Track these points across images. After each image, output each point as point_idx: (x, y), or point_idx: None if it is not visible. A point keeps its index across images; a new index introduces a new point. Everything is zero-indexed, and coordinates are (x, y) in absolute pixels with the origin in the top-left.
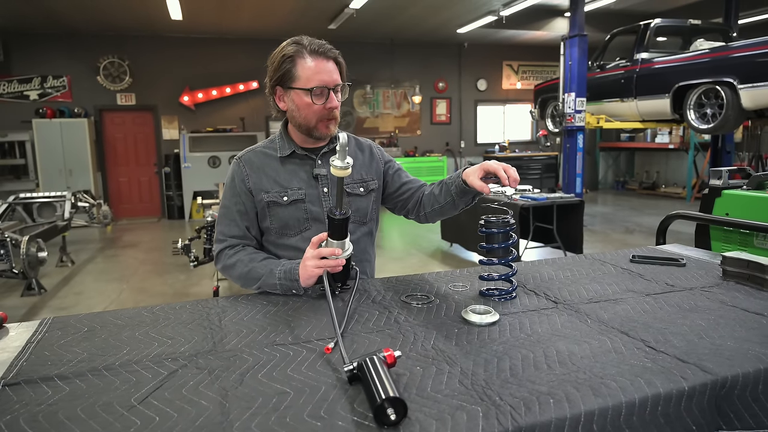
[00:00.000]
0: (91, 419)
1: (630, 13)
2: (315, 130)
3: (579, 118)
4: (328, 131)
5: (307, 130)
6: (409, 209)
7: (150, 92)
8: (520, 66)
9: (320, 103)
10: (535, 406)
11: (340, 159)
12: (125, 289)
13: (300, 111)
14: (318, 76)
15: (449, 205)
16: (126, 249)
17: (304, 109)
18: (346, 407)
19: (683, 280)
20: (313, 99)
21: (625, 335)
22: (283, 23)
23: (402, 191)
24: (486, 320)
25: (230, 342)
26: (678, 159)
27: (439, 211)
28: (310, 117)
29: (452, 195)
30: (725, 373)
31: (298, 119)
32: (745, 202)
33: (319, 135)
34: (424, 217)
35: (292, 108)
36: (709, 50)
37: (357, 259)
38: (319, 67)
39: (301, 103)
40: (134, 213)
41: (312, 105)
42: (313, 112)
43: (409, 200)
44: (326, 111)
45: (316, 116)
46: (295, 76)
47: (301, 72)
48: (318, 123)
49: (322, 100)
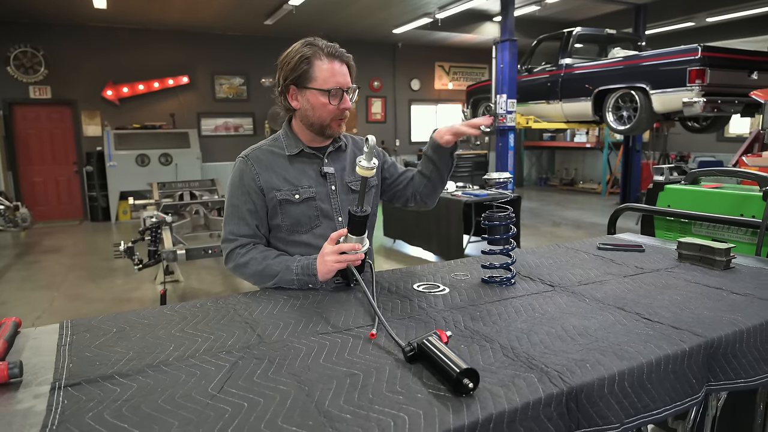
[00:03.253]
0: (180, 410)
1: (553, 21)
2: (328, 129)
3: (510, 119)
4: (340, 129)
5: (320, 129)
6: (408, 197)
7: (68, 85)
8: (452, 67)
9: (335, 104)
10: (578, 371)
11: (367, 160)
12: (57, 297)
13: (315, 110)
14: (334, 78)
15: (435, 175)
16: (48, 254)
17: (320, 108)
18: (417, 382)
19: (648, 263)
20: (330, 100)
21: (621, 310)
22: (217, 16)
23: (399, 182)
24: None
25: (274, 334)
26: (594, 157)
27: (431, 187)
28: (324, 116)
29: (432, 160)
30: (711, 336)
31: (312, 118)
32: (684, 195)
33: (331, 133)
34: (420, 199)
35: (307, 107)
36: (623, 58)
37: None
38: (335, 69)
39: (317, 103)
40: (52, 215)
41: (327, 105)
42: (328, 111)
43: (406, 189)
44: (339, 111)
45: (331, 116)
46: (312, 77)
47: (318, 73)
48: (332, 122)
49: (337, 101)
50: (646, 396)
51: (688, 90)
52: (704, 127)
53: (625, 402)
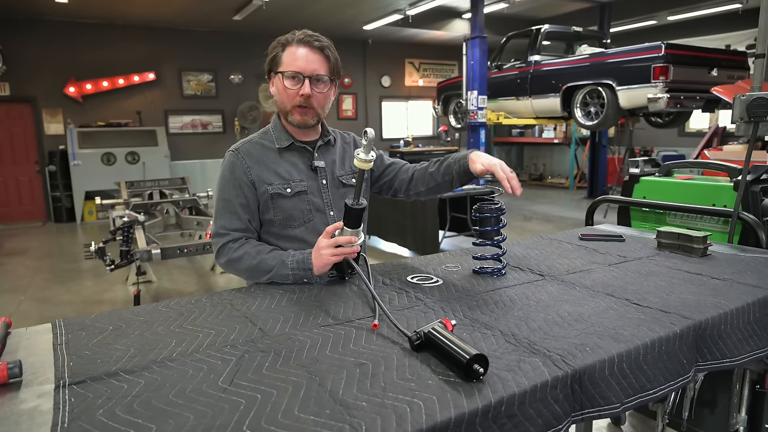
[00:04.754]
0: (193, 403)
1: (521, 18)
2: (290, 115)
3: (481, 115)
4: (302, 119)
5: (285, 116)
6: (396, 188)
7: (28, 82)
8: (422, 64)
9: (294, 88)
10: (578, 354)
11: (365, 152)
12: (24, 301)
13: (279, 95)
14: (296, 62)
15: (446, 185)
16: (12, 257)
17: (282, 92)
18: (426, 369)
19: (629, 252)
20: (285, 82)
21: (611, 297)
22: (183, 11)
23: (387, 174)
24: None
25: (276, 327)
26: (561, 152)
27: (435, 190)
28: (286, 102)
29: (453, 175)
30: (699, 318)
31: (279, 103)
32: (658, 187)
33: (292, 120)
34: (415, 195)
35: (275, 93)
36: (590, 55)
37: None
38: (300, 54)
39: (280, 87)
40: (12, 217)
41: (287, 89)
42: (288, 96)
43: (394, 180)
44: (299, 98)
45: (291, 102)
46: (280, 62)
47: (285, 57)
48: (292, 108)
49: (296, 86)
50: (643, 377)
51: (652, 86)
52: (667, 122)
53: (624, 383)
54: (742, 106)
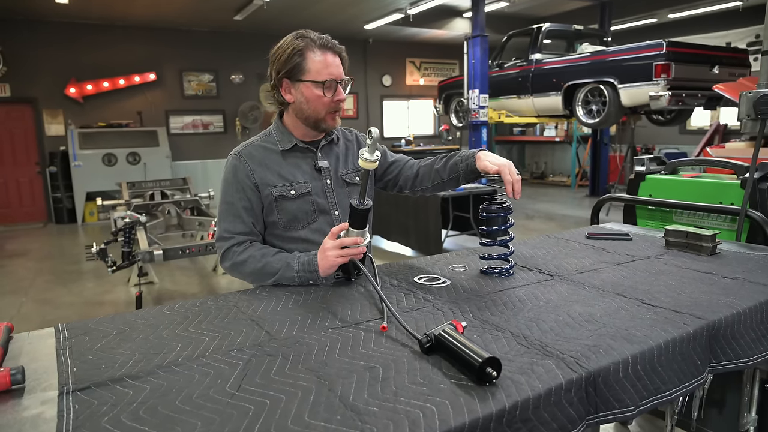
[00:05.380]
0: (200, 410)
1: (522, 17)
2: (323, 122)
3: (483, 113)
4: (335, 123)
5: (315, 122)
6: (401, 185)
7: (29, 83)
8: (422, 63)
9: (330, 96)
10: (592, 356)
11: (370, 152)
12: (25, 302)
13: (309, 103)
14: (327, 69)
15: (452, 182)
16: (13, 259)
17: (314, 101)
18: (437, 373)
19: (637, 250)
20: (324, 92)
21: (621, 296)
22: (184, 11)
23: (391, 170)
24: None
25: (282, 330)
26: (563, 151)
27: (441, 187)
28: (319, 109)
29: (460, 172)
30: (712, 318)
31: (307, 111)
32: (664, 185)
33: (326, 126)
34: (420, 191)
35: (301, 100)
36: (591, 53)
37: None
38: (329, 61)
39: (311, 96)
40: (13, 219)
41: (322, 97)
42: (322, 104)
43: (399, 177)
44: (334, 104)
45: (325, 108)
46: (305, 69)
47: (311, 65)
48: (326, 115)
49: (331, 93)
50: (657, 378)
51: (654, 84)
52: (669, 120)
53: (639, 385)
54: (748, 104)
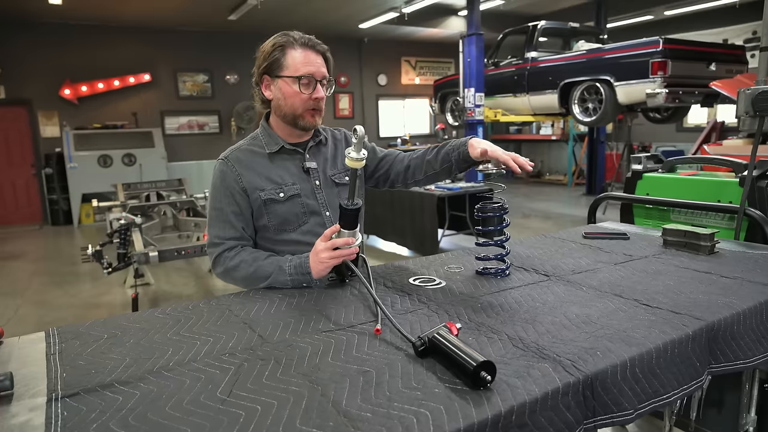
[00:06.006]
0: (190, 416)
1: (517, 15)
2: (301, 119)
3: (479, 112)
4: (314, 121)
5: (293, 120)
6: (393, 179)
7: (23, 84)
8: (418, 62)
9: (307, 93)
10: (589, 358)
11: (356, 150)
12: (22, 305)
13: (287, 99)
14: (306, 66)
15: (445, 172)
16: (9, 261)
17: (291, 97)
18: (432, 377)
19: (635, 250)
20: (300, 88)
21: (619, 297)
22: (178, 11)
23: (381, 166)
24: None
25: (275, 333)
26: (559, 149)
27: (434, 177)
28: (297, 106)
29: (452, 161)
30: (711, 319)
31: (285, 108)
32: (662, 183)
33: (304, 125)
34: (413, 183)
35: (279, 97)
36: (587, 51)
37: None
38: (308, 58)
39: (289, 92)
40: (9, 220)
41: (299, 94)
42: (300, 100)
43: (390, 171)
44: (312, 101)
45: (303, 105)
46: (284, 65)
47: (290, 61)
48: (304, 112)
49: (309, 90)
50: (656, 381)
51: (650, 81)
52: (665, 117)
53: (637, 388)
54: (747, 101)
